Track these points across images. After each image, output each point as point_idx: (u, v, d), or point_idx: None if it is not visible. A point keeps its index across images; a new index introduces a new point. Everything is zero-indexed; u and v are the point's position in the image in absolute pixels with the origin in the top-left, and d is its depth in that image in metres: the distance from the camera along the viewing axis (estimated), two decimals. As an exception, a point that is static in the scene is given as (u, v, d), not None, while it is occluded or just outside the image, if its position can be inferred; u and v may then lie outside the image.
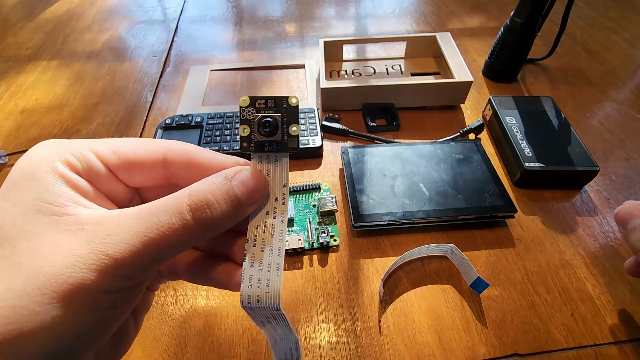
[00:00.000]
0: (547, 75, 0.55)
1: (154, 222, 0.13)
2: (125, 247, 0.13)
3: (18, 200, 0.13)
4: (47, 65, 0.59)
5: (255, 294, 0.16)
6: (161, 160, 0.17)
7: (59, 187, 0.14)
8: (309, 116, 0.45)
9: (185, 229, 0.14)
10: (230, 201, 0.15)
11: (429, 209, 0.35)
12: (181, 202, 0.14)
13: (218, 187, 0.15)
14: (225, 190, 0.15)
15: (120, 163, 0.16)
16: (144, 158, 0.16)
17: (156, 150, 0.17)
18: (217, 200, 0.14)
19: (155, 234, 0.13)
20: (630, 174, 0.41)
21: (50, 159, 0.14)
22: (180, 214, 0.14)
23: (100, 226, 0.13)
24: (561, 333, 0.30)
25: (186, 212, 0.14)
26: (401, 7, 0.72)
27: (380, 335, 0.30)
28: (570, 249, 0.35)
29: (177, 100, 0.52)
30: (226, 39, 0.64)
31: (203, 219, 0.14)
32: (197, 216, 0.14)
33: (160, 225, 0.13)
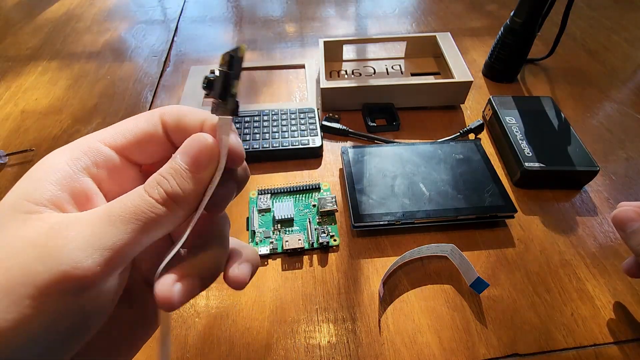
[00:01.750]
0: (547, 75, 0.55)
1: (121, 209, 0.14)
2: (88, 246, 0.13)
3: (7, 196, 0.14)
4: (47, 65, 0.59)
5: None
6: (158, 122, 0.17)
7: (48, 186, 0.14)
8: (309, 116, 0.45)
9: (147, 211, 0.14)
10: (177, 174, 0.15)
11: (429, 209, 0.35)
12: (140, 189, 0.14)
13: (166, 165, 0.15)
14: (171, 165, 0.15)
15: (128, 140, 0.16)
16: (145, 128, 0.16)
17: (153, 116, 0.17)
18: (165, 177, 0.15)
19: (131, 221, 0.13)
20: (630, 174, 0.41)
21: (55, 159, 0.15)
22: (141, 198, 0.14)
23: (64, 229, 0.13)
24: (561, 333, 0.30)
25: (144, 194, 0.14)
26: (401, 7, 0.72)
27: (380, 335, 0.30)
28: (570, 249, 0.35)
29: (177, 101, 0.52)
30: (226, 39, 0.64)
31: (159, 198, 0.14)
32: (153, 196, 0.14)
33: (126, 213, 0.13)
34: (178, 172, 0.15)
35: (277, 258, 0.35)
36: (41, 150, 0.45)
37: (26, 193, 0.13)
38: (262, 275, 0.34)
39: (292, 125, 0.44)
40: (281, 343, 0.29)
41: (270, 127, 0.44)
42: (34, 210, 0.13)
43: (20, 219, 0.13)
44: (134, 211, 0.14)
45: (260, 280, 0.33)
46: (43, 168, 0.14)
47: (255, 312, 0.31)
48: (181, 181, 0.15)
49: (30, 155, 0.45)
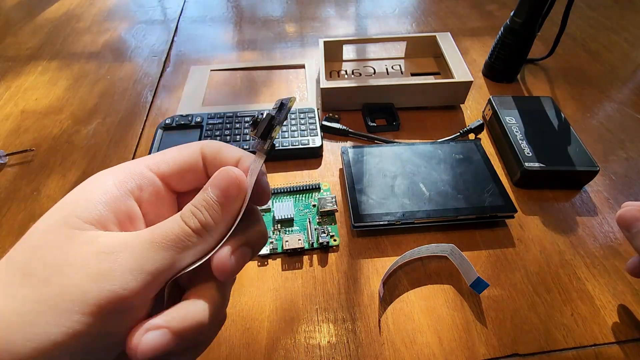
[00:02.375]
0: (547, 75, 0.55)
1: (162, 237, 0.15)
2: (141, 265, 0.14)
3: (57, 209, 0.15)
4: (46, 65, 0.59)
5: None
6: (199, 156, 0.18)
7: (97, 206, 0.15)
8: (309, 116, 0.45)
9: (185, 240, 0.15)
10: (209, 206, 0.16)
11: (429, 209, 0.35)
12: (177, 218, 0.16)
13: (198, 196, 0.17)
14: (202, 197, 0.16)
15: (171, 169, 0.18)
16: (187, 159, 0.18)
17: (194, 147, 0.18)
18: (198, 209, 0.16)
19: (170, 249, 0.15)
20: (630, 174, 0.41)
21: (104, 180, 0.16)
22: (180, 228, 0.16)
23: (113, 253, 0.14)
24: (561, 333, 0.30)
25: (183, 224, 0.16)
26: (401, 7, 0.72)
27: (380, 335, 0.30)
28: (570, 249, 0.35)
29: (177, 101, 0.52)
30: (226, 39, 0.64)
31: (194, 227, 0.16)
32: (190, 225, 0.16)
33: (167, 241, 0.15)
34: (210, 204, 0.16)
35: (277, 258, 0.35)
36: (41, 150, 0.45)
37: (76, 210, 0.15)
38: (262, 275, 0.34)
39: (292, 125, 0.44)
40: (281, 343, 0.29)
41: (270, 127, 0.44)
42: (82, 228, 0.15)
43: (70, 235, 0.14)
44: (173, 239, 0.15)
45: (260, 280, 0.33)
46: (92, 187, 0.16)
47: (255, 312, 0.31)
48: (212, 213, 0.16)
49: (30, 156, 0.45)
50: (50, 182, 0.42)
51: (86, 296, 0.13)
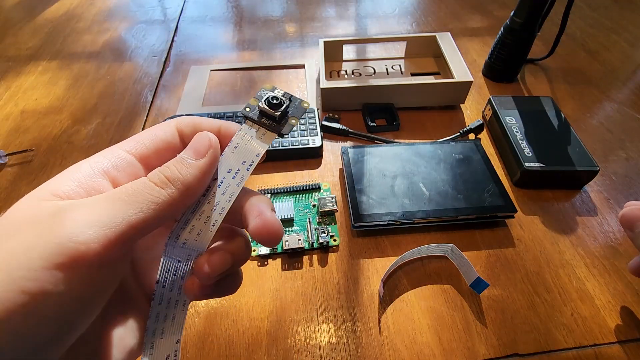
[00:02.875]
0: (547, 75, 0.55)
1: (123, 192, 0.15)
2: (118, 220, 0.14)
3: (37, 188, 0.15)
4: (47, 65, 0.59)
5: (184, 237, 0.17)
6: (176, 133, 0.18)
7: (68, 182, 0.15)
8: (309, 116, 0.45)
9: (146, 194, 0.15)
10: (177, 162, 0.16)
11: (429, 209, 0.35)
12: (142, 177, 0.16)
13: (180, 156, 0.17)
14: (174, 158, 0.17)
15: (148, 151, 0.18)
16: (163, 137, 0.18)
17: (170, 126, 0.18)
18: (167, 166, 0.16)
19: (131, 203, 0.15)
20: (630, 174, 0.41)
21: (81, 162, 0.17)
22: (141, 183, 0.15)
23: (68, 210, 0.14)
24: (561, 333, 0.30)
25: (145, 179, 0.15)
26: (401, 7, 0.72)
27: (380, 335, 0.30)
28: (570, 249, 0.35)
29: (177, 101, 0.52)
30: (226, 39, 0.64)
31: (158, 182, 0.15)
32: (152, 180, 0.15)
33: (126, 196, 0.15)
34: (178, 160, 0.16)
35: (277, 258, 0.35)
36: (41, 150, 0.45)
37: (49, 186, 0.15)
38: (262, 275, 0.34)
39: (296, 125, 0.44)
40: (281, 343, 0.29)
41: (270, 127, 0.44)
42: (49, 199, 0.15)
43: (35, 205, 0.14)
44: (132, 194, 0.15)
45: (260, 280, 0.33)
46: (70, 168, 0.16)
47: (255, 312, 0.31)
48: (180, 167, 0.16)
49: (30, 155, 0.45)
50: (50, 182, 0.42)
51: (33, 251, 0.13)
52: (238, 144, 0.18)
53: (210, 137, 0.17)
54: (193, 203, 0.17)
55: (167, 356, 0.17)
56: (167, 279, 0.17)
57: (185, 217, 0.17)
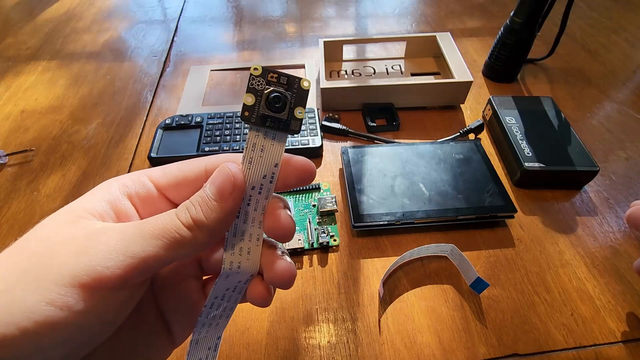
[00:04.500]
0: (547, 75, 0.55)
1: (152, 225, 0.16)
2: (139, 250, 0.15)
3: (71, 203, 0.17)
4: (46, 65, 0.59)
5: (237, 261, 0.17)
6: (202, 172, 0.19)
7: (100, 202, 0.17)
8: (309, 116, 0.45)
9: (173, 231, 0.16)
10: (203, 202, 0.16)
11: (429, 209, 0.35)
12: (171, 211, 0.16)
13: (196, 194, 0.17)
14: (199, 194, 0.17)
15: (169, 182, 0.19)
16: (187, 174, 0.19)
17: (198, 164, 0.19)
18: (192, 204, 0.16)
19: (158, 238, 0.15)
20: (630, 174, 0.41)
21: (110, 183, 0.18)
22: (170, 219, 0.16)
23: (101, 233, 0.15)
24: (561, 333, 0.30)
25: (174, 216, 0.16)
26: (401, 7, 0.72)
27: (380, 335, 0.30)
28: (570, 249, 0.35)
29: (177, 101, 0.52)
30: (226, 39, 0.64)
31: (185, 222, 0.16)
32: (180, 219, 0.16)
33: (155, 229, 0.16)
34: (204, 200, 0.16)
35: (277, 258, 0.35)
36: (41, 150, 0.45)
37: (86, 205, 0.16)
38: (262, 275, 0.34)
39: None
40: (281, 343, 0.29)
41: (270, 127, 0.44)
42: (84, 217, 0.16)
43: (71, 220, 0.16)
44: (161, 229, 0.15)
45: (260, 280, 0.33)
46: (102, 187, 0.18)
47: (255, 312, 0.31)
48: (206, 209, 0.16)
49: (30, 155, 0.45)
50: (50, 182, 0.42)
51: (64, 268, 0.14)
52: (252, 158, 0.17)
53: (234, 176, 0.17)
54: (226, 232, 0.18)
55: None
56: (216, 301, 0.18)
57: (229, 241, 0.18)
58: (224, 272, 0.17)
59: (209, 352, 0.19)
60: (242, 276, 0.18)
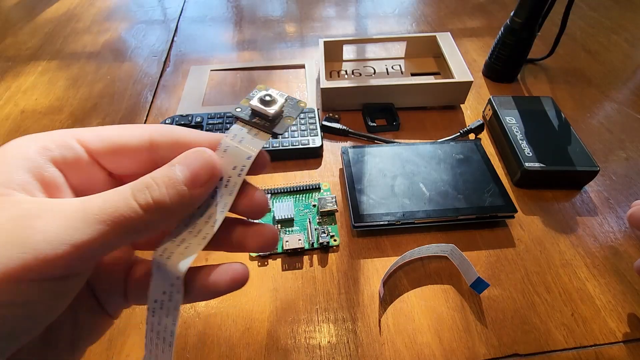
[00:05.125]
0: (547, 76, 0.55)
1: (98, 208, 0.13)
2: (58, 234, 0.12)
3: None
4: (46, 65, 0.59)
5: (170, 250, 0.15)
6: (147, 142, 0.16)
7: (20, 172, 0.13)
8: (309, 116, 0.45)
9: (127, 215, 0.13)
10: (171, 184, 0.14)
11: (429, 209, 0.35)
12: (126, 189, 0.14)
13: (160, 171, 0.14)
14: (166, 173, 0.14)
15: (105, 147, 0.16)
16: (129, 140, 0.16)
17: (142, 132, 0.16)
18: (156, 183, 0.14)
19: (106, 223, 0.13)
20: (630, 174, 0.41)
21: (26, 146, 0.14)
22: (124, 201, 0.13)
23: (35, 217, 0.12)
24: (561, 333, 0.30)
25: (130, 196, 0.13)
26: (401, 7, 0.72)
27: (380, 335, 0.30)
28: (571, 249, 0.35)
29: (177, 101, 0.52)
30: (226, 39, 0.64)
31: (146, 199, 0.13)
32: (138, 200, 0.13)
33: (103, 214, 0.13)
34: (172, 181, 0.14)
35: (277, 258, 0.35)
36: (41, 150, 0.45)
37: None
38: (262, 275, 0.33)
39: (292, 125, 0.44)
40: (281, 343, 0.29)
41: (270, 127, 0.44)
42: (5, 193, 0.13)
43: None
44: (112, 213, 0.13)
45: (261, 280, 0.33)
46: (11, 153, 0.14)
47: (255, 312, 0.31)
48: (173, 192, 0.14)
49: (30, 155, 0.45)
50: (50, 182, 0.42)
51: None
52: (228, 147, 0.16)
53: (213, 165, 0.15)
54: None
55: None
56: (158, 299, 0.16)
57: (177, 230, 0.15)
58: (154, 263, 0.15)
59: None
60: (171, 274, 0.15)
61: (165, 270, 0.15)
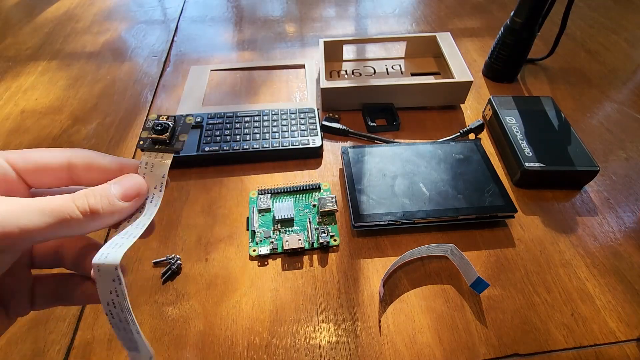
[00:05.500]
0: (547, 76, 0.55)
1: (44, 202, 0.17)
2: None
3: None
4: (47, 65, 0.59)
5: (107, 252, 0.18)
6: (65, 163, 0.20)
7: None
8: (309, 116, 0.45)
9: (65, 213, 0.17)
10: (105, 196, 0.18)
11: (429, 209, 0.35)
12: (69, 195, 0.17)
13: (99, 187, 0.19)
14: (103, 188, 0.19)
15: (28, 166, 0.20)
16: (49, 161, 0.20)
17: (61, 155, 0.20)
18: (93, 194, 0.18)
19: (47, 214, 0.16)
20: (630, 174, 0.41)
21: None
22: (65, 202, 0.17)
23: (5, 204, 0.16)
24: (561, 333, 0.30)
25: (72, 201, 0.17)
26: (401, 7, 0.72)
27: (380, 335, 0.30)
28: (570, 249, 0.35)
29: (177, 100, 0.52)
30: (226, 39, 0.64)
31: (84, 205, 0.17)
32: (76, 203, 0.17)
33: (48, 208, 0.17)
34: (107, 195, 0.18)
35: (277, 258, 0.35)
36: (41, 150, 0.45)
37: None
38: (262, 275, 0.34)
39: (292, 125, 0.44)
40: (281, 343, 0.29)
41: (270, 127, 0.44)
42: None
43: None
44: (54, 209, 0.17)
45: (261, 280, 0.33)
46: None
47: (255, 312, 0.31)
48: (106, 204, 0.18)
49: (30, 155, 0.45)
50: (50, 182, 0.42)
51: None
52: (145, 173, 0.21)
53: (140, 185, 0.20)
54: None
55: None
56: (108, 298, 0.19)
57: (112, 238, 0.19)
58: (95, 268, 0.18)
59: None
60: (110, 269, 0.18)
61: (105, 267, 0.18)
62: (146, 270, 0.34)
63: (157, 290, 0.32)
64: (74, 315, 0.31)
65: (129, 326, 0.19)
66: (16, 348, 0.29)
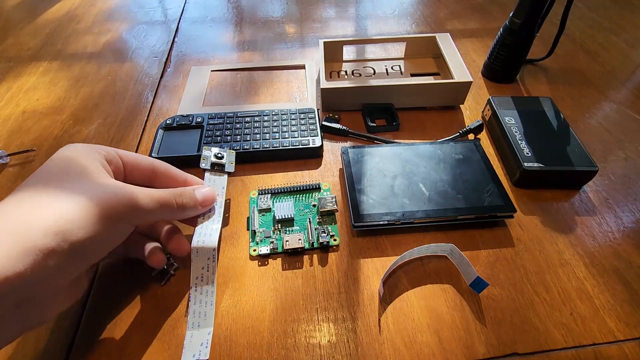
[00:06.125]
0: (546, 76, 0.55)
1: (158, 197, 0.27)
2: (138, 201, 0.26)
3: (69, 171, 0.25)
4: (48, 66, 0.59)
5: (202, 238, 0.30)
6: (151, 167, 0.30)
7: (96, 163, 0.26)
8: (309, 116, 0.45)
9: (166, 203, 0.28)
10: (192, 200, 0.30)
11: (429, 209, 0.36)
12: (171, 190, 0.29)
13: (189, 189, 0.30)
14: (191, 191, 0.30)
15: (131, 163, 0.29)
16: (142, 162, 0.30)
17: (149, 160, 0.31)
18: (185, 195, 0.29)
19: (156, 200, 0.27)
20: (629, 174, 0.42)
21: (91, 149, 0.27)
22: (170, 195, 0.28)
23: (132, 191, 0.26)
24: (560, 332, 0.30)
25: (171, 196, 0.28)
26: (401, 7, 0.72)
27: (380, 335, 0.30)
28: (569, 248, 0.35)
29: (177, 101, 0.52)
30: (226, 39, 0.65)
31: (180, 201, 0.29)
32: (176, 199, 0.28)
33: (160, 197, 0.27)
34: (192, 196, 0.30)
35: (277, 258, 0.35)
36: (42, 151, 0.46)
37: (91, 162, 0.26)
38: (263, 275, 0.34)
39: (292, 125, 0.44)
40: (281, 342, 0.30)
41: (270, 127, 0.44)
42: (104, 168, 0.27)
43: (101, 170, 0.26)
44: (163, 197, 0.27)
45: (261, 280, 0.33)
46: (86, 154, 0.26)
47: (255, 312, 0.31)
48: (188, 203, 0.29)
49: (31, 156, 0.45)
50: (52, 182, 0.42)
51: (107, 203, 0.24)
52: (208, 185, 0.34)
53: (213, 193, 0.32)
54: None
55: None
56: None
57: (201, 227, 0.31)
58: (193, 250, 0.30)
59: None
60: (208, 250, 0.30)
61: (203, 249, 0.30)
62: (146, 269, 0.34)
63: (157, 290, 0.33)
64: (76, 312, 0.31)
65: (207, 298, 0.29)
66: (18, 347, 0.30)
